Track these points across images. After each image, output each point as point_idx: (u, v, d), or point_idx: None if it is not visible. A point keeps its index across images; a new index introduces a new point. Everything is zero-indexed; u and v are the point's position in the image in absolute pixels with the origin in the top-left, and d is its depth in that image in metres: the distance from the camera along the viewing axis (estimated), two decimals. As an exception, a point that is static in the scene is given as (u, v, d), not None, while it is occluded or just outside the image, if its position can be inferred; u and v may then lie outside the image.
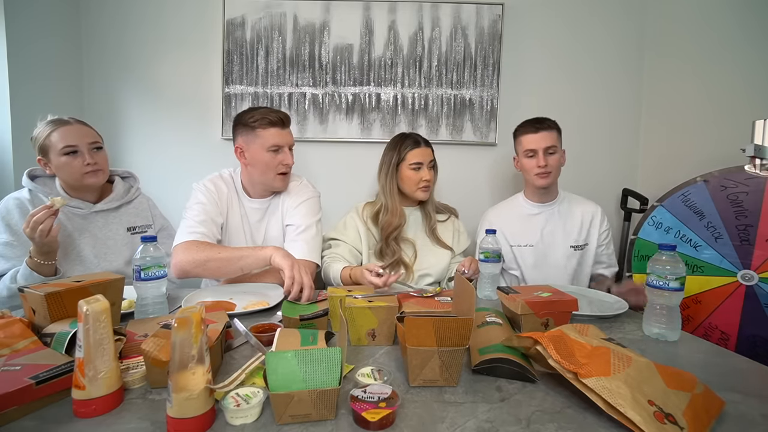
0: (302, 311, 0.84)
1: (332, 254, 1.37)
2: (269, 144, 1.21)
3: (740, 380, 0.69)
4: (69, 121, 1.18)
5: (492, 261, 1.14)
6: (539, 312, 0.87)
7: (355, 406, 0.54)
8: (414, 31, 1.85)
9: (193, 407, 0.51)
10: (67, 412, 0.56)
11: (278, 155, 1.23)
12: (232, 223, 1.30)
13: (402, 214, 1.39)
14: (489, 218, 1.49)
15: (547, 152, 1.35)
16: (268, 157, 1.22)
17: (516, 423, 0.55)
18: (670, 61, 1.81)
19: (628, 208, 1.83)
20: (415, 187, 1.38)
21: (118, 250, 1.25)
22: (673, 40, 1.80)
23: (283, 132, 1.24)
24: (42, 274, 1.06)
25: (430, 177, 1.39)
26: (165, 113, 1.88)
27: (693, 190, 1.37)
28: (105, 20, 1.84)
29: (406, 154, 1.38)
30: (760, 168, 1.27)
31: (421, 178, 1.37)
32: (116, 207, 1.27)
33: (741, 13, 1.54)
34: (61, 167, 1.15)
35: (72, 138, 1.14)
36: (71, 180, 1.18)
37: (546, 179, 1.36)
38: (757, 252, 1.22)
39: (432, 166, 1.41)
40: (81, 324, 0.55)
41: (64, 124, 1.16)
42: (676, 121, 1.78)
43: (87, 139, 1.17)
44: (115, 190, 1.29)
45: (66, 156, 1.14)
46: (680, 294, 0.85)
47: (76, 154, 1.15)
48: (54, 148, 1.13)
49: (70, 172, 1.15)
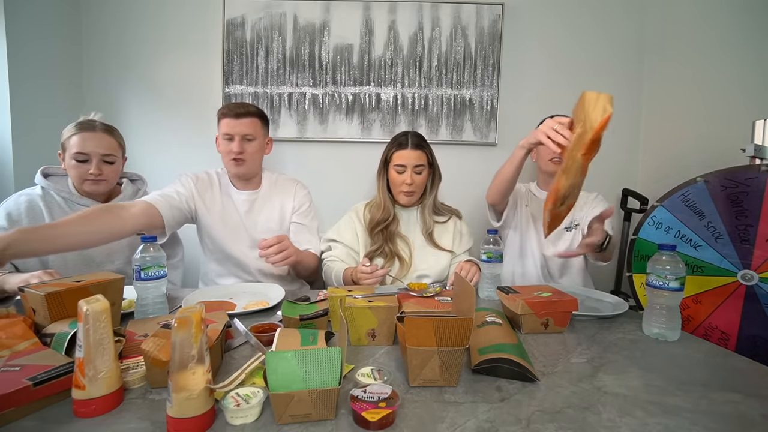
0: (302, 311, 0.84)
1: (331, 257, 1.38)
2: (222, 132, 1.32)
3: (740, 380, 0.69)
4: (93, 128, 1.21)
5: (494, 261, 1.14)
6: (539, 312, 0.87)
7: (355, 406, 0.54)
8: (414, 31, 1.85)
9: (193, 407, 0.51)
10: (67, 412, 0.56)
11: (230, 143, 1.31)
12: (218, 213, 1.35)
13: (388, 209, 1.37)
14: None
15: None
16: (222, 145, 1.33)
17: (516, 423, 0.55)
18: (669, 60, 1.81)
19: (628, 208, 1.82)
20: (398, 189, 1.36)
21: (122, 251, 1.27)
22: (672, 40, 1.80)
23: (236, 122, 1.30)
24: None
25: (413, 181, 1.32)
26: (165, 113, 1.89)
27: (693, 190, 1.37)
28: (105, 20, 1.84)
29: (392, 155, 1.36)
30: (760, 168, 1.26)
31: (403, 182, 1.33)
32: None
33: (740, 14, 1.54)
34: (69, 169, 1.21)
35: (86, 146, 1.18)
36: (75, 182, 1.23)
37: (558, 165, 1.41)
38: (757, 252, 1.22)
39: (420, 171, 1.34)
40: (81, 324, 0.55)
41: (87, 130, 1.19)
42: (676, 120, 1.78)
43: (101, 150, 1.20)
44: (123, 192, 1.31)
45: (76, 161, 1.18)
46: (680, 294, 0.85)
47: (86, 162, 1.19)
48: (69, 150, 1.18)
49: (75, 175, 1.21)
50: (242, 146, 1.30)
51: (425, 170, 1.36)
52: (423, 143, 1.36)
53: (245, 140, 1.31)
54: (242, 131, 1.30)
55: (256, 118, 1.33)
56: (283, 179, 1.48)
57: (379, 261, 1.35)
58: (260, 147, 1.36)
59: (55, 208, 1.20)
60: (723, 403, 0.61)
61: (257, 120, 1.33)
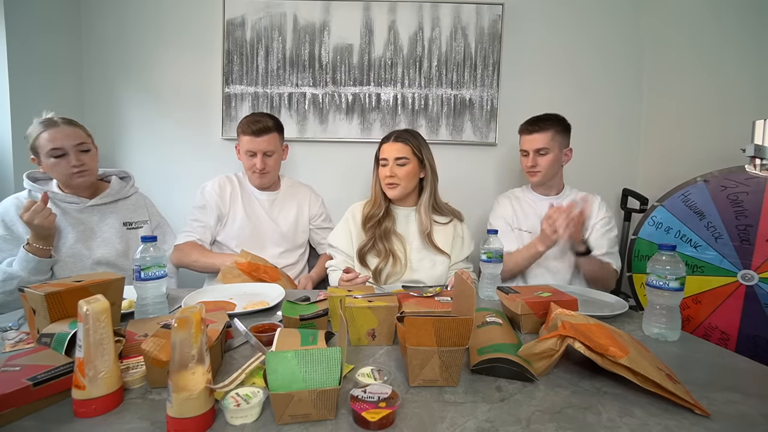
0: (302, 311, 0.84)
1: (332, 266, 1.40)
2: (245, 149, 1.44)
3: (740, 380, 0.69)
4: (57, 123, 1.19)
5: (494, 261, 1.14)
6: (539, 312, 0.87)
7: (355, 406, 0.54)
8: (414, 31, 1.85)
9: (193, 407, 0.51)
10: (67, 412, 0.56)
11: (252, 159, 1.44)
12: (243, 213, 1.49)
13: (380, 204, 1.37)
14: (500, 199, 1.59)
15: (537, 153, 1.43)
16: (245, 159, 1.47)
17: (516, 423, 0.55)
18: (669, 60, 1.81)
19: (628, 208, 1.82)
20: (383, 183, 1.35)
21: (111, 243, 1.28)
22: (672, 39, 1.80)
23: (258, 140, 1.41)
24: (38, 256, 1.11)
25: (394, 173, 1.31)
26: (165, 113, 1.89)
27: (693, 190, 1.37)
28: (105, 20, 1.84)
29: (378, 151, 1.37)
30: (760, 168, 1.27)
31: (385, 174, 1.33)
32: (112, 202, 1.31)
33: (740, 14, 1.54)
34: (50, 168, 1.20)
35: (59, 141, 1.17)
36: (61, 180, 1.23)
37: (534, 177, 1.47)
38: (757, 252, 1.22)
39: (403, 164, 1.31)
40: (81, 324, 0.55)
41: (52, 126, 1.18)
42: (676, 121, 1.78)
43: (73, 141, 1.19)
44: (111, 188, 1.32)
45: (54, 158, 1.17)
46: (680, 294, 0.85)
47: (63, 156, 1.18)
48: (43, 149, 1.17)
49: (59, 172, 1.20)
50: (264, 162, 1.44)
51: (409, 163, 1.32)
52: (406, 136, 1.34)
53: (266, 156, 1.44)
54: (264, 148, 1.43)
55: (275, 133, 1.45)
56: (298, 184, 1.65)
57: (372, 260, 1.33)
58: (279, 157, 1.51)
59: None
60: (723, 403, 0.61)
61: (276, 134, 1.45)
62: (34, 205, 1.07)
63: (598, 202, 1.45)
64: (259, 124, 1.40)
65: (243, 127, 1.42)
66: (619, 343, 0.64)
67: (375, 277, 1.31)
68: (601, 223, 1.41)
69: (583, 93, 1.90)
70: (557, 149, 1.42)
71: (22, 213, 1.07)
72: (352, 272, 1.16)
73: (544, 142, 1.40)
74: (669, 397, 0.59)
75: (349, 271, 1.16)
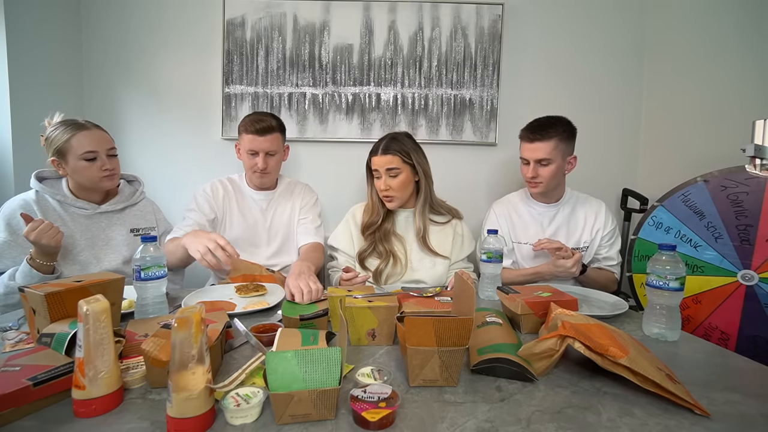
0: (302, 311, 0.84)
1: (333, 267, 1.40)
2: (246, 148, 1.41)
3: (740, 380, 0.69)
4: (87, 126, 1.20)
5: (494, 261, 1.14)
6: (539, 312, 0.87)
7: (355, 406, 0.54)
8: (414, 31, 1.85)
9: (193, 407, 0.51)
10: (67, 412, 0.56)
11: (254, 158, 1.41)
12: (239, 216, 1.47)
13: (377, 212, 1.37)
14: (495, 209, 1.50)
15: (539, 163, 1.33)
16: (245, 158, 1.43)
17: (516, 423, 0.55)
18: (669, 60, 1.81)
19: (628, 208, 1.82)
20: (381, 195, 1.34)
21: (118, 250, 1.26)
22: (672, 39, 1.80)
23: (260, 139, 1.38)
24: (41, 272, 1.09)
25: (388, 186, 1.29)
26: (165, 114, 1.89)
27: (693, 190, 1.37)
28: (105, 20, 1.84)
29: (369, 161, 1.36)
30: (760, 168, 1.27)
31: (380, 188, 1.32)
32: (121, 209, 1.30)
33: (738, 15, 1.54)
34: (78, 170, 1.18)
35: (93, 144, 1.18)
36: (87, 183, 1.21)
37: (535, 189, 1.39)
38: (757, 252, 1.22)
39: (395, 175, 1.29)
40: (81, 324, 0.55)
41: (83, 129, 1.18)
42: (676, 121, 1.78)
43: (105, 145, 1.21)
44: (120, 193, 1.31)
45: (86, 161, 1.17)
46: (680, 294, 0.85)
47: (95, 160, 1.18)
48: (74, 152, 1.16)
49: (88, 175, 1.19)
50: (266, 162, 1.41)
51: (401, 172, 1.30)
52: (393, 146, 1.30)
53: (268, 156, 1.41)
54: (266, 148, 1.39)
55: (278, 133, 1.42)
56: (296, 182, 1.60)
57: (373, 262, 1.34)
58: (281, 158, 1.48)
59: (50, 212, 1.18)
60: (723, 403, 0.61)
61: (278, 134, 1.43)
62: (41, 225, 1.04)
63: (604, 212, 1.42)
64: (263, 123, 1.38)
65: (246, 126, 1.39)
66: (619, 343, 0.64)
67: (375, 278, 1.31)
68: (607, 236, 1.41)
69: (583, 93, 1.90)
70: (560, 159, 1.32)
71: (28, 233, 1.02)
72: (352, 271, 1.16)
73: (546, 153, 1.30)
74: (669, 397, 0.59)
75: (348, 271, 1.16)
